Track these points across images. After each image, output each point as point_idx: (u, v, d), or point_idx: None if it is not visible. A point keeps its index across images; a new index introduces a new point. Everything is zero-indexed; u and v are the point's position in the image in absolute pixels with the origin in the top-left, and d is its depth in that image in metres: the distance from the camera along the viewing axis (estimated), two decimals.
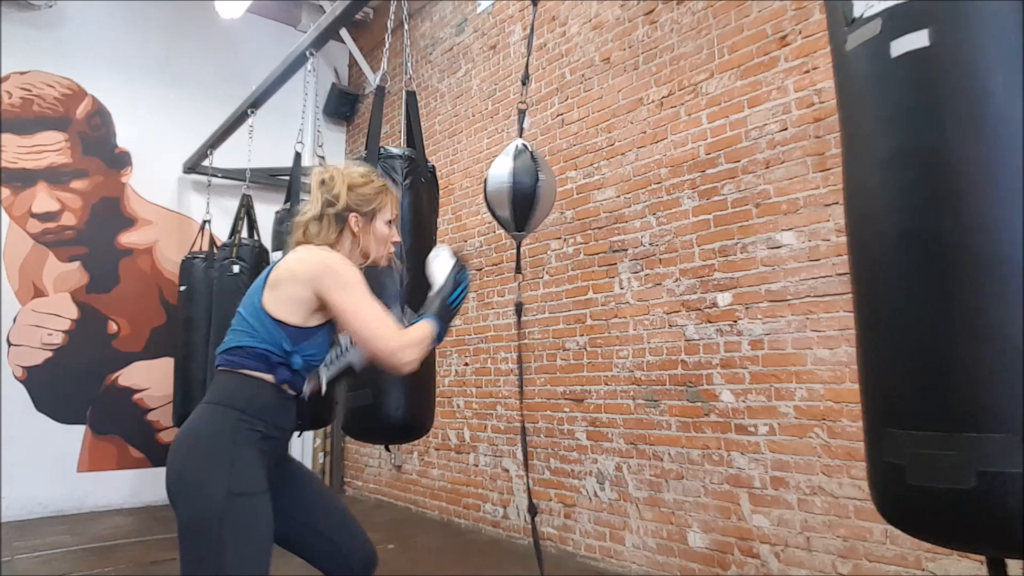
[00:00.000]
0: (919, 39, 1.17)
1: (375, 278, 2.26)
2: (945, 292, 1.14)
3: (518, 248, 2.92)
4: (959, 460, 1.09)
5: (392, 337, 1.60)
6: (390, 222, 1.81)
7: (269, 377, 1.61)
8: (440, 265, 1.83)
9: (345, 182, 1.76)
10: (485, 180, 2.84)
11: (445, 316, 1.73)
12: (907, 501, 1.20)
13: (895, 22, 1.20)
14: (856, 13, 1.27)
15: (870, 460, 1.29)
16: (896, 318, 1.21)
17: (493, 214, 2.85)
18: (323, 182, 1.77)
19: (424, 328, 1.67)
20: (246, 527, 1.52)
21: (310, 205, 1.77)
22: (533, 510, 2.63)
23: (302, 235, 1.75)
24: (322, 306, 1.62)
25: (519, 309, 2.83)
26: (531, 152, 2.77)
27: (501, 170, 2.75)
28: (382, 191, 1.80)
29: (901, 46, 1.19)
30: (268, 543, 1.57)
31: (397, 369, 1.62)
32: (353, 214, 1.75)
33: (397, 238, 1.85)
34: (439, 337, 1.71)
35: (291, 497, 1.73)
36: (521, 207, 2.70)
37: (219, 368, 1.66)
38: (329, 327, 1.68)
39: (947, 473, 1.10)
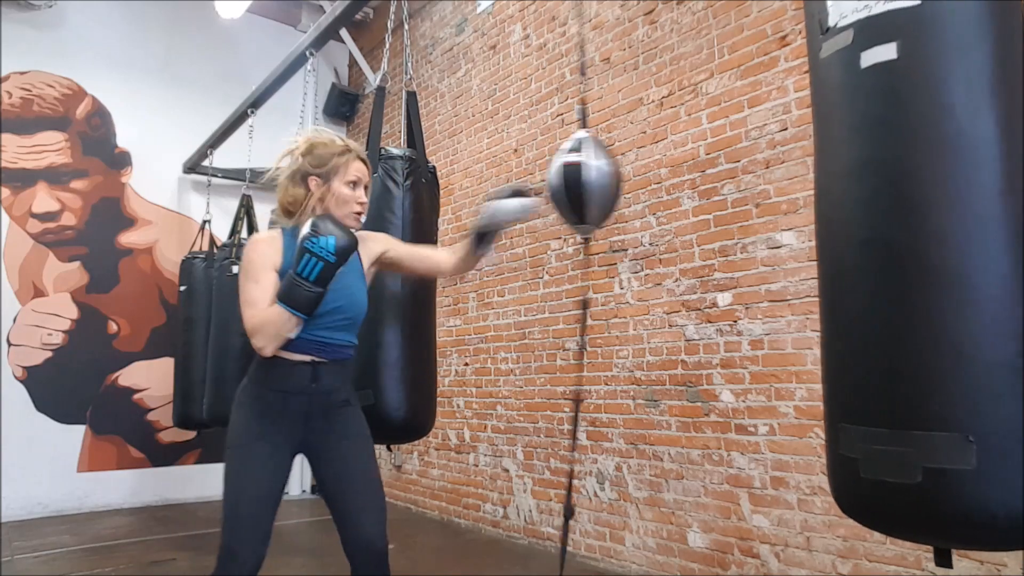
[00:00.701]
0: (887, 51, 1.21)
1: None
2: (899, 298, 1.20)
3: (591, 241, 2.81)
4: (907, 456, 1.15)
5: (248, 322, 1.75)
6: (353, 184, 1.86)
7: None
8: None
9: (305, 146, 1.88)
10: (552, 175, 2.53)
11: (294, 291, 1.69)
12: (860, 493, 1.26)
13: (866, 33, 1.24)
14: (831, 22, 1.30)
15: (828, 453, 1.35)
16: (855, 320, 1.27)
17: (568, 209, 2.53)
18: (291, 149, 1.91)
19: (267, 313, 1.73)
20: (232, 471, 1.81)
21: (283, 170, 1.92)
22: (569, 512, 2.61)
23: (277, 199, 1.93)
24: None
25: (585, 304, 2.80)
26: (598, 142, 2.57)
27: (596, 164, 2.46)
28: (341, 153, 1.86)
29: (870, 57, 1.23)
30: (254, 484, 1.78)
31: (257, 352, 1.76)
32: (312, 176, 1.85)
33: (362, 199, 1.89)
34: (303, 311, 1.70)
35: (321, 460, 1.90)
36: (601, 200, 2.51)
37: None
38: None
39: (895, 468, 1.16)
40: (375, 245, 1.99)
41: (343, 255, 1.70)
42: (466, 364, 4.98)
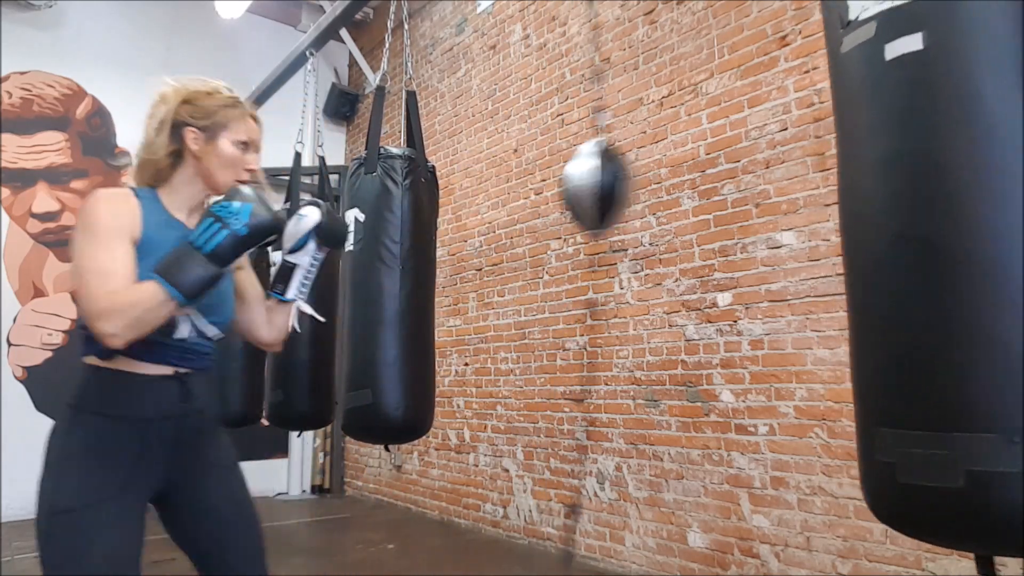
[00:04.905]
0: (913, 42, 1.18)
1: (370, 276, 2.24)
2: (937, 293, 1.15)
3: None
4: (948, 459, 1.10)
5: (96, 299, 1.26)
6: (244, 144, 1.48)
7: (92, 359, 1.39)
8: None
9: (182, 94, 1.46)
10: (565, 178, 2.90)
11: (184, 263, 1.28)
12: (897, 499, 1.21)
13: (890, 25, 1.21)
14: (852, 15, 1.28)
15: (862, 459, 1.30)
16: (888, 318, 1.22)
17: (575, 212, 2.91)
18: (162, 97, 1.46)
19: (133, 291, 1.26)
20: (70, 550, 1.28)
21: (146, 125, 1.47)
22: (577, 511, 2.70)
23: (138, 154, 1.48)
24: None
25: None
26: (612, 150, 2.91)
27: (584, 168, 2.83)
28: (229, 105, 1.48)
29: (895, 49, 1.20)
30: (106, 565, 1.28)
31: (101, 340, 1.27)
32: (190, 129, 1.43)
33: (253, 166, 1.50)
34: (187, 293, 1.27)
35: (185, 497, 1.47)
36: (606, 204, 2.81)
37: None
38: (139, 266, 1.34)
39: (936, 471, 1.11)
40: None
41: (257, 232, 1.32)
42: (466, 364, 4.98)
